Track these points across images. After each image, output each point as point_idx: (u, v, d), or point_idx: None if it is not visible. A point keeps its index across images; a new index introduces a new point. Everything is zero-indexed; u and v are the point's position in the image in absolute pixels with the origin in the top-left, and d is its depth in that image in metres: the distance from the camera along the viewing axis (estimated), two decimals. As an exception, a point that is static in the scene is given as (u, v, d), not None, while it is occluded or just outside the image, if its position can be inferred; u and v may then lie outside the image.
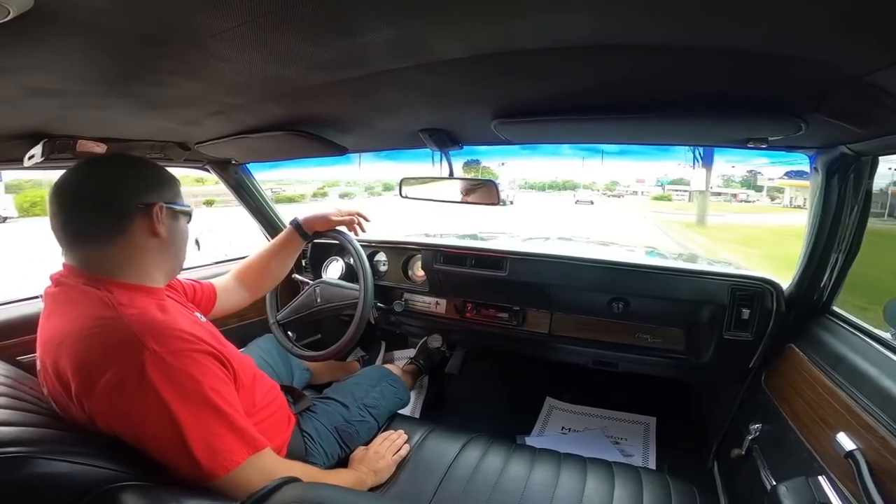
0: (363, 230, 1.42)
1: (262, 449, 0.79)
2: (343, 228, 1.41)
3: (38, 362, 0.79)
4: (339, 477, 1.05)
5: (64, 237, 0.79)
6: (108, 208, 0.79)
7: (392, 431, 1.25)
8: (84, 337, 0.71)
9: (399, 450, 1.19)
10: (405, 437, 1.24)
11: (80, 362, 0.69)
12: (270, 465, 0.80)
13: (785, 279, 1.33)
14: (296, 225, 1.34)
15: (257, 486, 0.73)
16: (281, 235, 1.35)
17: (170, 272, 0.91)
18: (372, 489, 1.08)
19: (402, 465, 1.17)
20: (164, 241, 0.84)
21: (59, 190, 0.78)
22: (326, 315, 1.58)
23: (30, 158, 1.01)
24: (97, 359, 0.69)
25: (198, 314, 0.99)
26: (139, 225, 0.81)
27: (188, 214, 0.91)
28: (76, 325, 0.72)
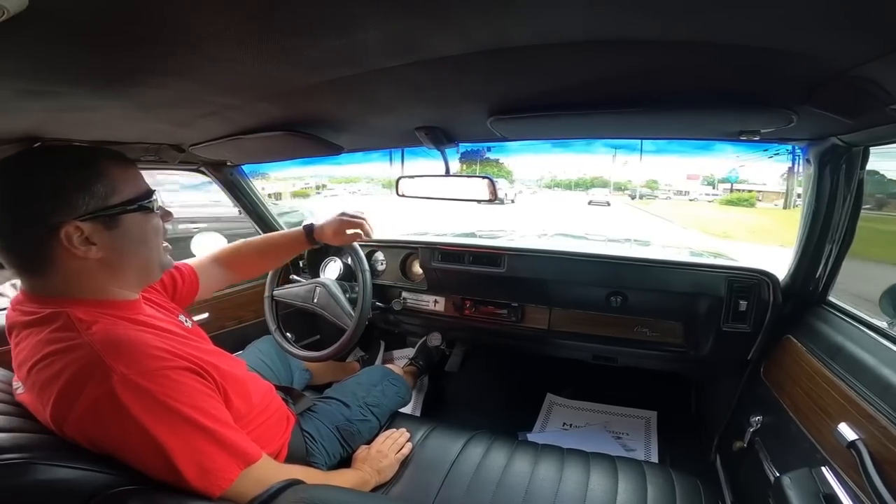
0: (369, 237, 1.34)
1: (255, 461, 0.75)
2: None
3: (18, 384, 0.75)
4: (343, 478, 1.04)
5: (7, 268, 0.72)
6: (18, 243, 0.69)
7: (394, 430, 1.25)
8: (49, 363, 0.66)
9: (402, 448, 1.19)
10: (407, 435, 1.24)
11: (49, 390, 0.65)
12: (267, 474, 0.76)
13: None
14: (308, 230, 1.29)
15: None
16: (290, 233, 1.31)
17: (139, 281, 0.81)
18: (375, 489, 1.08)
19: (405, 463, 1.17)
20: (104, 259, 0.72)
21: None
22: (319, 315, 1.58)
23: None
24: (65, 386, 0.64)
25: (182, 318, 0.93)
26: (59, 252, 0.69)
27: (145, 209, 0.76)
28: (41, 350, 0.67)
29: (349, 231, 1.27)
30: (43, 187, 0.68)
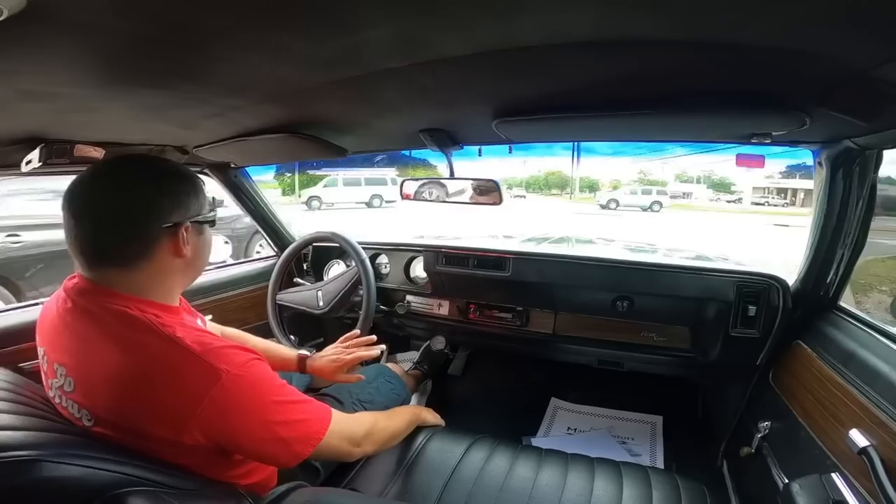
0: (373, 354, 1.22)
1: (329, 414, 0.82)
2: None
3: (49, 375, 0.74)
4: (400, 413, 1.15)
5: (80, 253, 0.72)
6: (131, 232, 0.72)
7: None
8: (154, 380, 0.67)
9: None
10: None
11: (161, 405, 0.66)
12: (341, 423, 0.84)
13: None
14: (301, 361, 1.21)
15: (340, 447, 0.84)
16: (286, 352, 1.24)
17: (187, 285, 0.86)
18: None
19: (406, 466, 1.15)
20: (188, 260, 0.78)
21: (77, 200, 0.71)
22: (327, 319, 1.58)
23: (27, 164, 1.01)
24: (178, 392, 0.67)
25: (199, 321, 0.94)
26: (164, 248, 0.74)
27: (212, 221, 0.84)
28: (133, 361, 0.67)
29: (341, 377, 1.16)
30: (173, 187, 0.76)
